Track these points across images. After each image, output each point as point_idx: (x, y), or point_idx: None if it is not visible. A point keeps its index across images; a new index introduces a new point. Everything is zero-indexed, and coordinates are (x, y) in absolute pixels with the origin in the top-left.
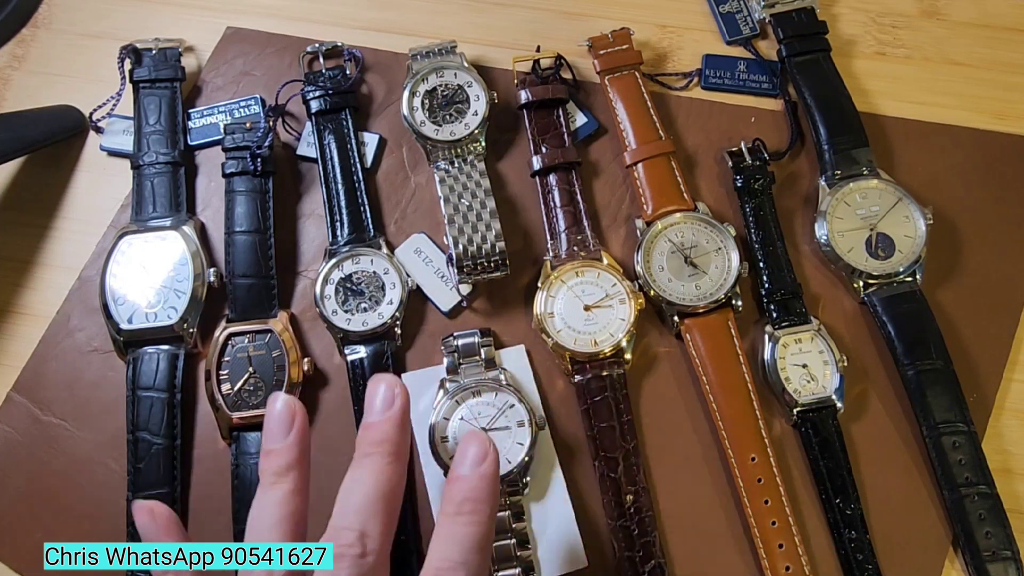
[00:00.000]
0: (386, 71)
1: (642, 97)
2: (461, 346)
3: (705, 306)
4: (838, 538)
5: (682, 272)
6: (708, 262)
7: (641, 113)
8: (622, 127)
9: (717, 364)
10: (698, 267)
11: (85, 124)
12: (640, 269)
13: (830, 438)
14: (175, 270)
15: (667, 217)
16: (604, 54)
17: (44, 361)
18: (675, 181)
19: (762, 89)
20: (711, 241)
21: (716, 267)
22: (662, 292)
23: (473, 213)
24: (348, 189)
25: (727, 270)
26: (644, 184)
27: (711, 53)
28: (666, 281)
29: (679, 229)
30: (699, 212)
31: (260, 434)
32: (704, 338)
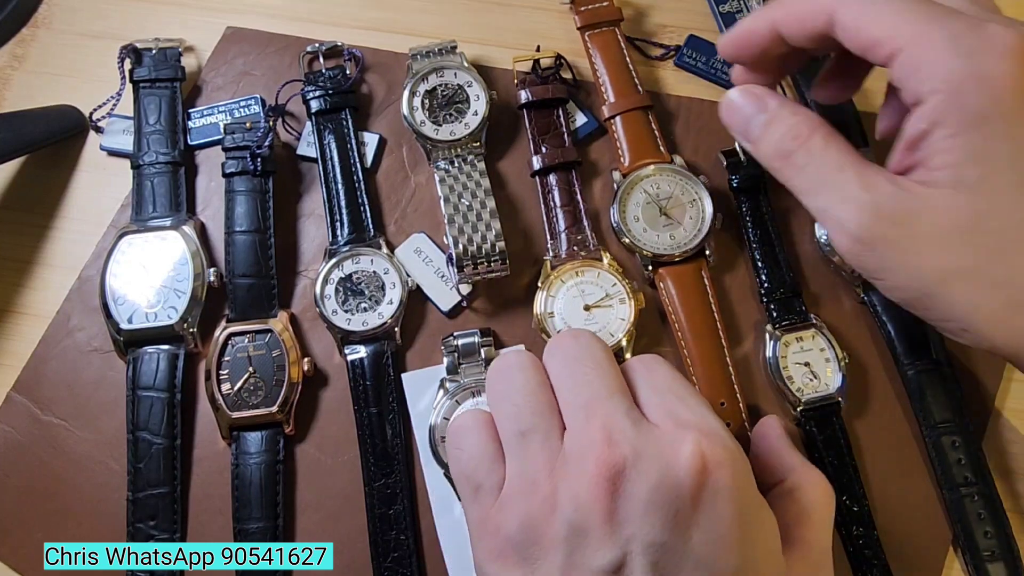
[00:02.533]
0: (386, 71)
1: (621, 52)
2: (461, 346)
3: (680, 255)
4: (846, 535)
5: (656, 222)
6: (682, 213)
7: (620, 68)
8: (601, 82)
9: (689, 311)
10: (672, 218)
11: (85, 124)
12: (615, 219)
13: (835, 436)
14: (175, 270)
15: (643, 169)
16: (585, 10)
17: (44, 361)
18: (652, 134)
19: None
20: (686, 193)
21: (691, 218)
22: (636, 241)
23: (473, 213)
24: (348, 189)
25: (701, 221)
26: (621, 137)
27: (699, 36)
28: (641, 231)
29: (654, 181)
30: (675, 164)
31: (260, 434)
32: (677, 286)
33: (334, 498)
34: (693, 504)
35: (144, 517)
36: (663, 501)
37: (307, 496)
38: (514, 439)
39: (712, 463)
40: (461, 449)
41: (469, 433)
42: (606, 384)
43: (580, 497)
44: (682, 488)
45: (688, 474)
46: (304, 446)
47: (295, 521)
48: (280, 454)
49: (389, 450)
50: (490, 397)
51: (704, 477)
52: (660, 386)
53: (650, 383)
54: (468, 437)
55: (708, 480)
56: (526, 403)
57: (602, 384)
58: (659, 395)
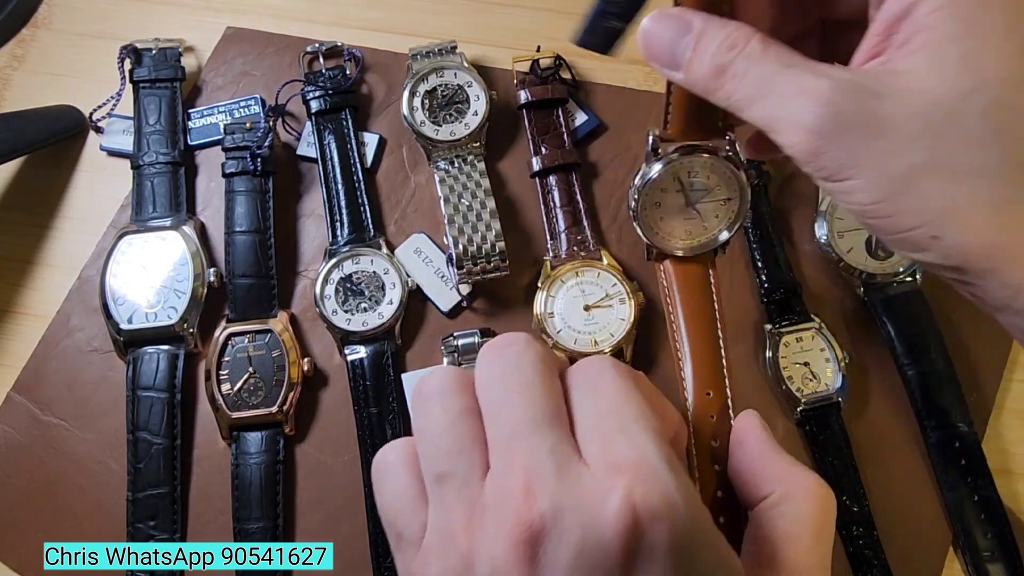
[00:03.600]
0: (386, 71)
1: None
2: (461, 346)
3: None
4: (846, 536)
5: (679, 213)
6: (710, 212)
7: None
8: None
9: (688, 296)
10: (699, 214)
11: (85, 124)
12: (634, 193)
13: (835, 436)
14: (175, 270)
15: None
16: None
17: (44, 361)
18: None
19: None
20: (722, 188)
21: (717, 216)
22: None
23: (473, 213)
24: (348, 189)
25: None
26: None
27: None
28: (657, 219)
29: (693, 166)
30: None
31: (260, 434)
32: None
33: (334, 498)
34: (623, 570)
35: (144, 517)
36: (588, 568)
37: (307, 496)
38: (433, 483)
39: (646, 517)
40: (381, 493)
41: (389, 473)
42: (533, 412)
43: (496, 560)
44: (610, 551)
45: (616, 533)
46: (304, 446)
47: (295, 521)
48: (280, 454)
49: None
50: (413, 430)
51: (635, 535)
52: (602, 407)
53: (592, 402)
54: (388, 478)
55: (641, 539)
56: (443, 441)
57: (528, 412)
58: (598, 420)
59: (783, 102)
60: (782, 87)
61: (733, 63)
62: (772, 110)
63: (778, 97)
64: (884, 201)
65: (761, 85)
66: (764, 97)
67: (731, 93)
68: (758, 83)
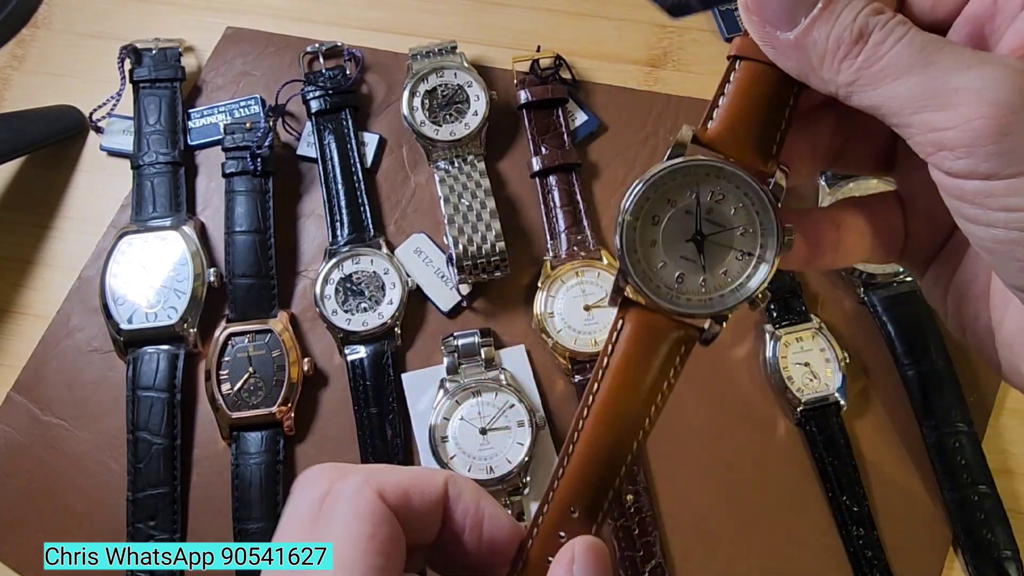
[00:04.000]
0: (386, 71)
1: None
2: (461, 346)
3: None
4: (846, 536)
5: (677, 245)
6: (722, 257)
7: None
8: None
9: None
10: (705, 255)
11: (85, 124)
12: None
13: (835, 436)
14: (175, 270)
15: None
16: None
17: (44, 361)
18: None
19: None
20: (750, 237)
21: (727, 272)
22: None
23: (473, 213)
24: (348, 189)
25: (738, 285)
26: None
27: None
28: (647, 241)
29: (723, 190)
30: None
31: (260, 434)
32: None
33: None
34: None
35: (144, 517)
36: None
37: None
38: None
39: None
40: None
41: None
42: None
43: None
44: None
45: None
46: (304, 446)
47: None
48: (280, 454)
49: (389, 450)
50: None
51: None
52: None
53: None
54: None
55: None
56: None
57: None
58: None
59: (956, 74)
60: (952, 58)
61: (884, 27)
62: (936, 82)
63: (947, 68)
64: None
65: (921, 54)
66: (924, 68)
67: (871, 64)
68: (917, 51)
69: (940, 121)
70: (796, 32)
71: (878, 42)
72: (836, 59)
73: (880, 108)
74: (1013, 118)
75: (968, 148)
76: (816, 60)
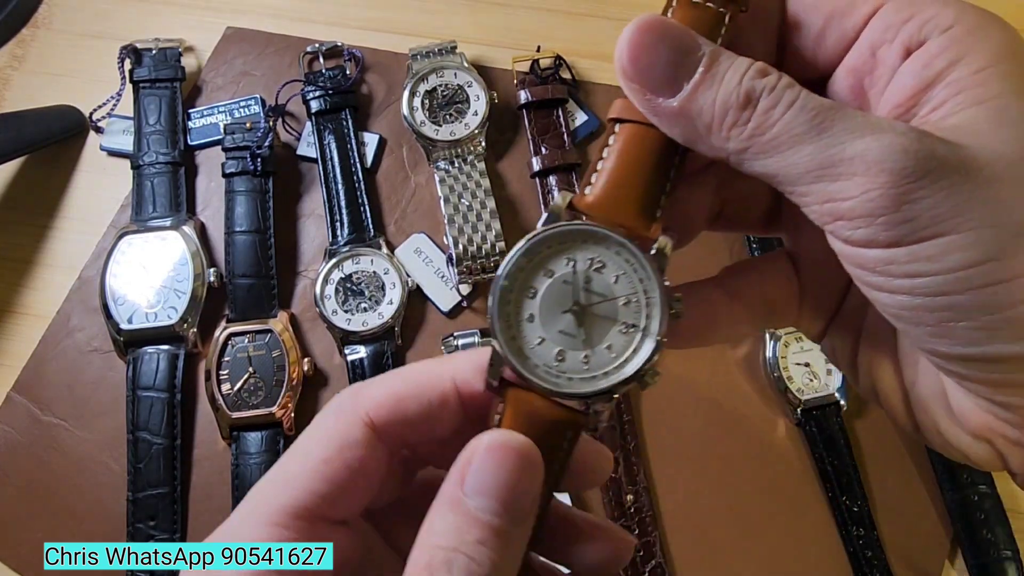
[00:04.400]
0: (386, 71)
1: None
2: (461, 346)
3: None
4: (846, 536)
5: (556, 319)
6: (604, 330)
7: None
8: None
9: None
10: (585, 329)
11: (85, 124)
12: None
13: (835, 436)
14: (175, 270)
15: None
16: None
17: (44, 361)
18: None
19: None
20: (634, 307)
21: (610, 347)
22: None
23: (473, 213)
24: (348, 189)
25: (623, 362)
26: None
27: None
28: (522, 315)
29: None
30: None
31: (260, 434)
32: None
33: None
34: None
35: (144, 517)
36: None
37: None
38: None
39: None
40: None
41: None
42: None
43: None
44: None
45: None
46: None
47: None
48: (280, 454)
49: None
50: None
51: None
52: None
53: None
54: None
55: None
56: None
57: None
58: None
59: (850, 141)
60: (845, 124)
61: (772, 92)
62: (831, 151)
63: (841, 136)
64: (992, 261)
65: (813, 121)
66: (818, 136)
67: (762, 131)
68: (809, 119)
69: (836, 191)
70: (679, 99)
71: (767, 108)
72: (724, 127)
73: (774, 177)
74: (910, 186)
75: (867, 218)
76: (703, 128)
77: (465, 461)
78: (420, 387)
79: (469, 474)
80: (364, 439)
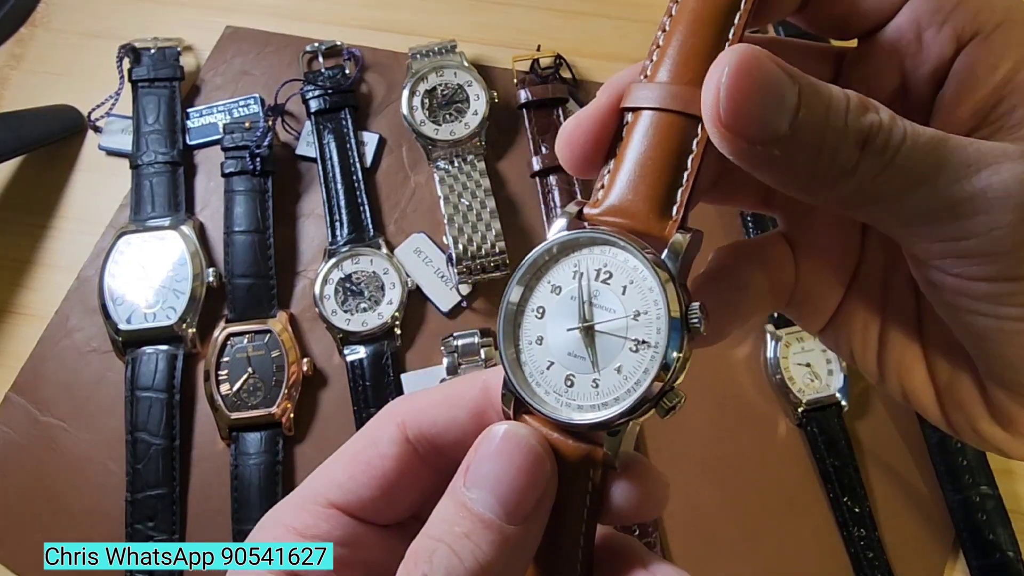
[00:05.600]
0: (386, 70)
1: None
2: (461, 346)
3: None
4: (847, 536)
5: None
6: (615, 350)
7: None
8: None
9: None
10: (593, 349)
11: (83, 123)
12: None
13: (836, 437)
14: (174, 270)
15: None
16: None
17: (42, 361)
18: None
19: None
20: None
21: (619, 368)
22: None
23: (473, 213)
24: (348, 189)
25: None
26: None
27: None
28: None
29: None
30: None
31: (259, 435)
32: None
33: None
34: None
35: (143, 518)
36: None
37: None
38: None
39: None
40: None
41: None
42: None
43: None
44: None
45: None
46: (303, 447)
47: None
48: (279, 455)
49: None
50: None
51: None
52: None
53: None
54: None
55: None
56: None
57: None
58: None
59: (968, 177)
60: (959, 156)
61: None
62: (950, 191)
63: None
64: None
65: (927, 160)
66: (936, 177)
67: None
68: (923, 159)
69: (955, 230)
70: (780, 147)
71: (878, 150)
72: (831, 175)
73: (880, 222)
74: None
75: (990, 255)
76: (805, 175)
77: (472, 450)
78: (449, 395)
79: (472, 463)
80: (394, 438)
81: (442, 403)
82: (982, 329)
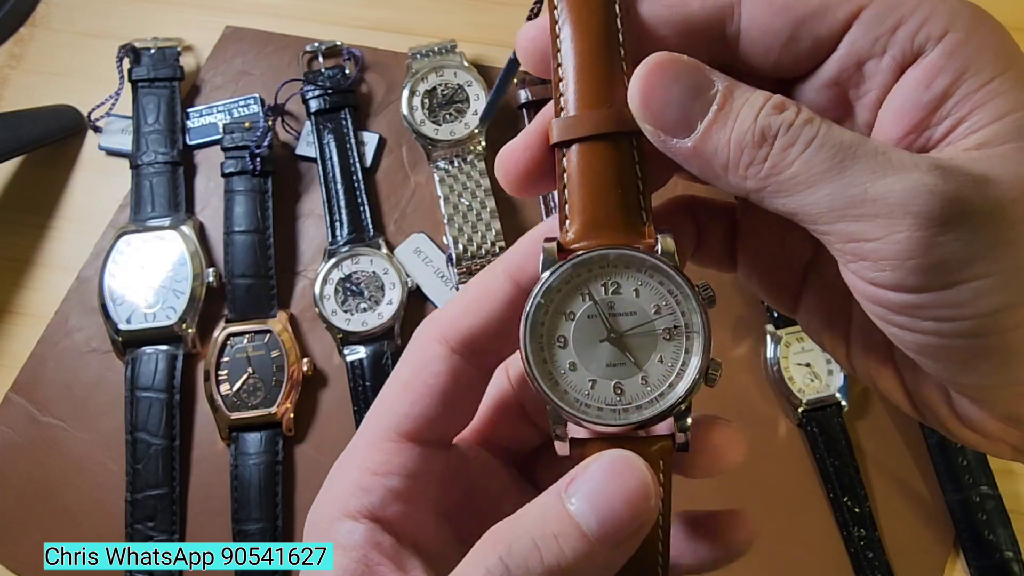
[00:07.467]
0: (386, 70)
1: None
2: None
3: (622, 429)
4: (847, 537)
5: (598, 356)
6: (650, 346)
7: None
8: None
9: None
10: (630, 352)
11: (83, 123)
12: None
13: (836, 437)
14: (174, 270)
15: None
16: None
17: (42, 361)
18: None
19: None
20: (664, 309)
21: (662, 358)
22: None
23: (473, 213)
24: (347, 189)
25: (679, 374)
26: (574, 181)
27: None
28: (562, 366)
29: (615, 278)
30: (659, 255)
31: (259, 435)
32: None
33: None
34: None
35: (143, 518)
36: None
37: (306, 497)
38: None
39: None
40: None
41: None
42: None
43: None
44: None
45: None
46: (303, 447)
47: (294, 522)
48: (279, 455)
49: None
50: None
51: None
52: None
53: None
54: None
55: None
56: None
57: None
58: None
59: (872, 181)
60: (867, 162)
61: (789, 130)
62: (852, 191)
63: (863, 175)
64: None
65: (832, 160)
66: (839, 175)
67: (779, 171)
68: (828, 157)
69: (860, 232)
70: (694, 139)
71: (784, 147)
72: (741, 166)
73: (795, 215)
74: (937, 230)
75: (892, 261)
76: (719, 168)
77: (582, 465)
78: (478, 295)
79: (579, 476)
80: (441, 355)
81: (473, 305)
82: (908, 342)
